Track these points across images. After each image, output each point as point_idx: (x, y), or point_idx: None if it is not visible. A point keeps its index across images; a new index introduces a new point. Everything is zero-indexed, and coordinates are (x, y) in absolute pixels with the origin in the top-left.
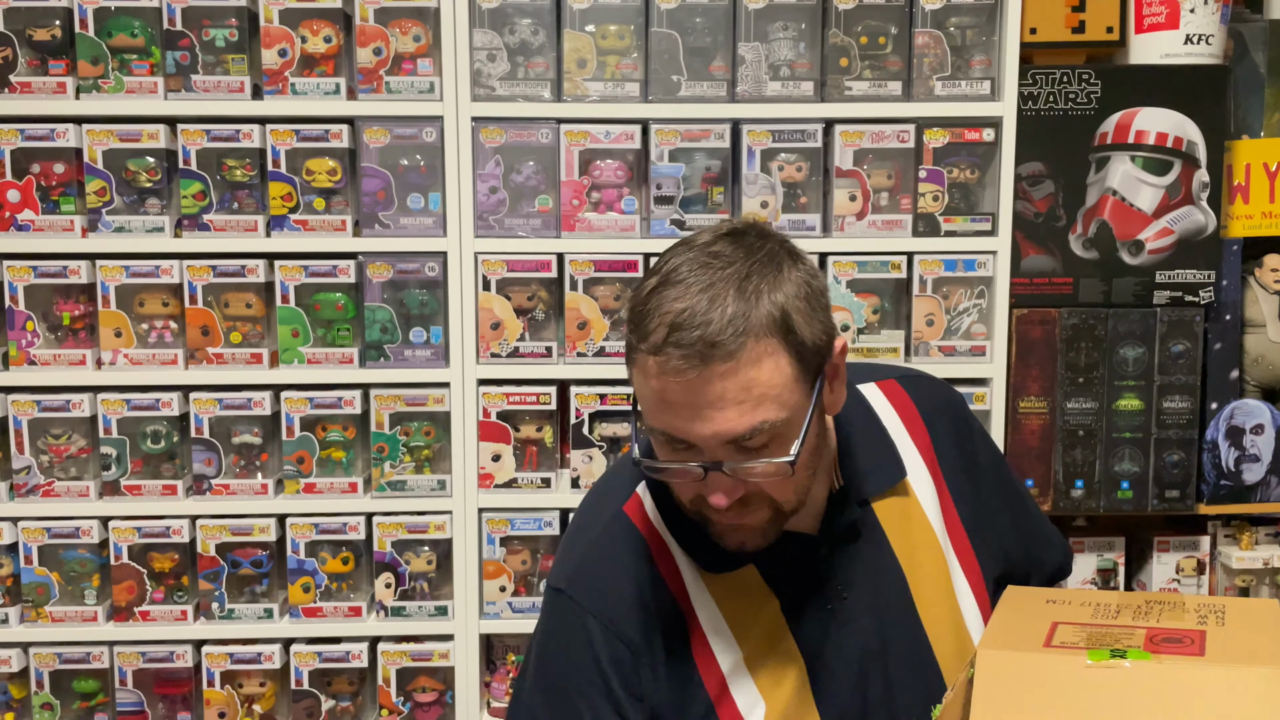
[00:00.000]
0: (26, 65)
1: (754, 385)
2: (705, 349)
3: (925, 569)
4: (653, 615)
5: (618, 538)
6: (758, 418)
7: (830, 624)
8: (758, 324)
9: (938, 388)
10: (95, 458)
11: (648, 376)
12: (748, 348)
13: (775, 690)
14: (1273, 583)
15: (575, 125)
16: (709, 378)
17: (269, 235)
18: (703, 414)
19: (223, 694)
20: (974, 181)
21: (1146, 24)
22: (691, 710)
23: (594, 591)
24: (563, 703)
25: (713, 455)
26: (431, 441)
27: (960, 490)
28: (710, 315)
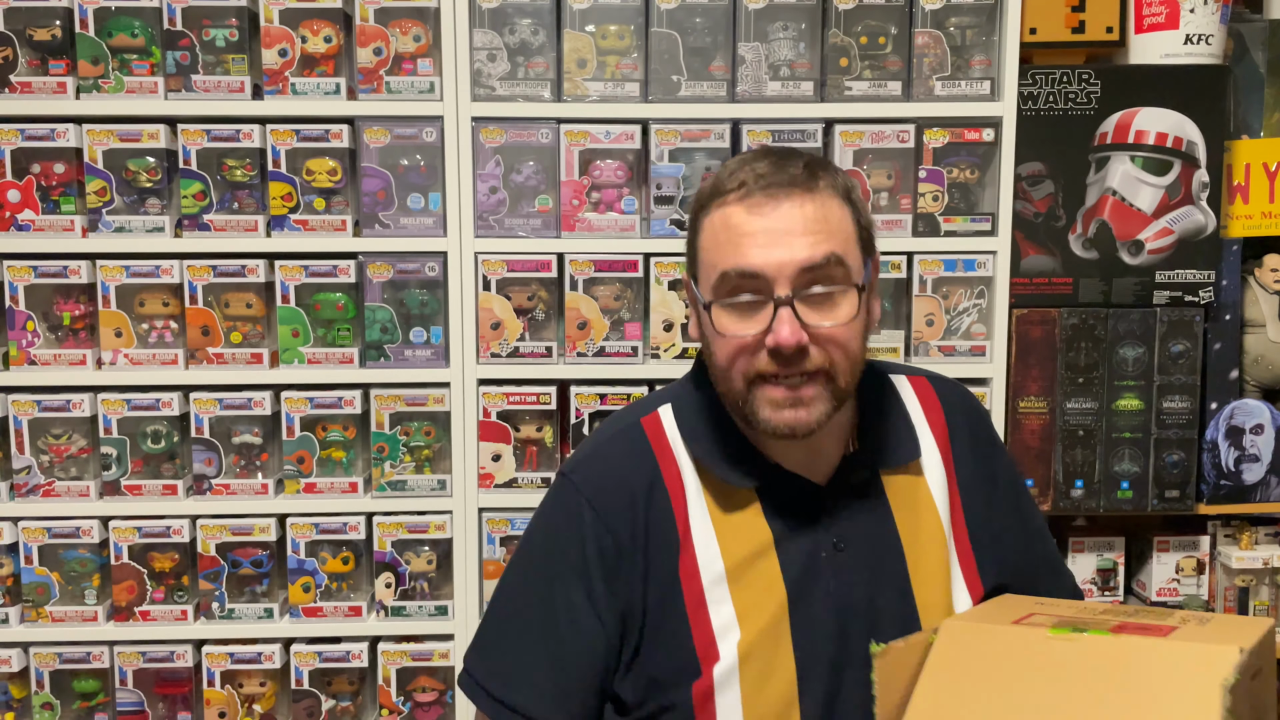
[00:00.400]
0: (27, 65)
1: (828, 218)
2: (788, 181)
3: (926, 550)
4: (647, 519)
5: (630, 442)
6: (830, 247)
7: (821, 571)
8: (828, 178)
9: (967, 396)
10: (95, 458)
11: (728, 218)
12: (822, 188)
13: (752, 618)
14: (1273, 583)
15: (575, 125)
16: (789, 205)
17: (269, 235)
18: (780, 240)
19: (223, 694)
20: (974, 181)
21: (1146, 24)
22: (667, 620)
23: (595, 482)
24: (539, 577)
25: (783, 289)
26: (431, 441)
27: (971, 493)
28: (786, 164)
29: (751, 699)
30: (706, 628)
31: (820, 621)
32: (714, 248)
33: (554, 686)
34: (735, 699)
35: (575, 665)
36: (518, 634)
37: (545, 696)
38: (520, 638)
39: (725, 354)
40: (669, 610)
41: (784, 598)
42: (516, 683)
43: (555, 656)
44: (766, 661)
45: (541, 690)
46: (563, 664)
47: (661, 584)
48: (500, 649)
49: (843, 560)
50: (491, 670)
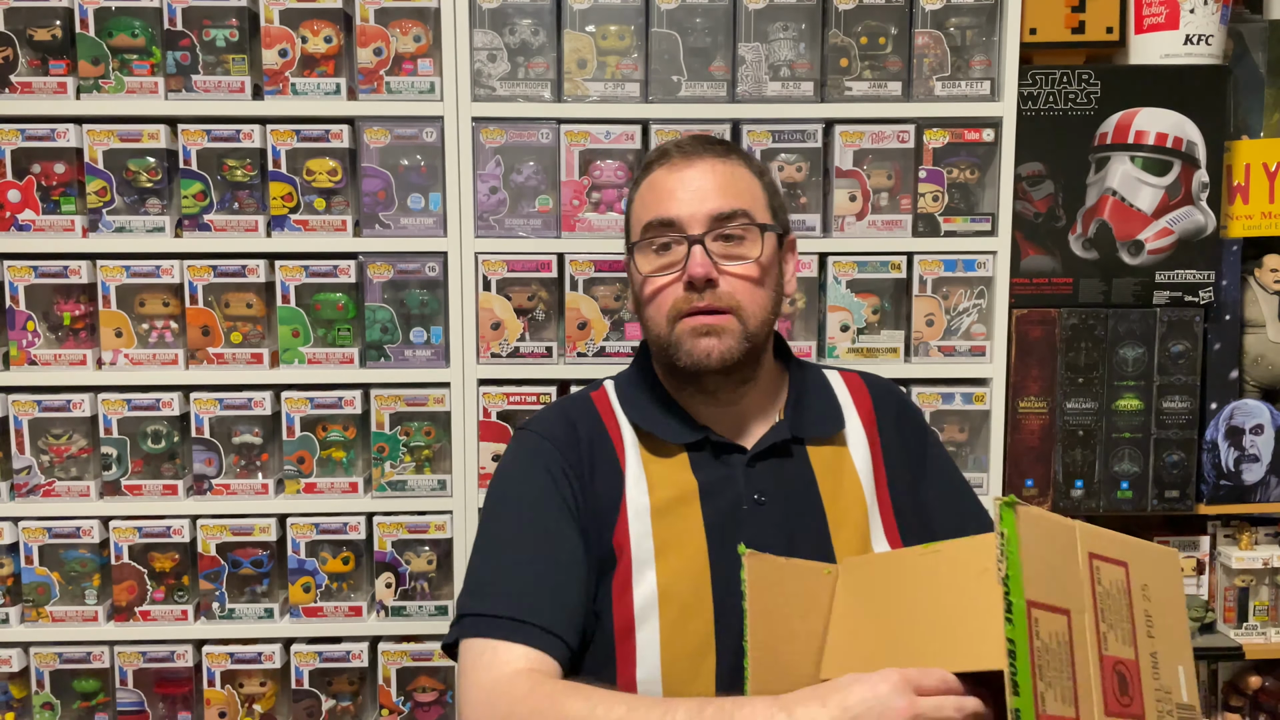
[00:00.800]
0: (27, 65)
1: (737, 180)
2: (701, 148)
3: (846, 513)
4: (593, 457)
5: (578, 405)
6: (738, 203)
7: (741, 521)
8: (742, 155)
9: (895, 391)
10: (96, 458)
11: (651, 181)
12: (733, 158)
13: (672, 558)
14: (1273, 583)
15: (575, 125)
16: (702, 164)
17: (269, 235)
18: (695, 194)
19: (223, 694)
20: (974, 182)
21: (1146, 24)
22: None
23: (548, 426)
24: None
25: (695, 229)
26: (432, 441)
27: (896, 469)
28: (705, 139)
29: (670, 638)
30: (628, 565)
31: (738, 568)
32: (640, 207)
33: (565, 606)
34: (654, 635)
35: (576, 584)
36: (518, 562)
37: (559, 615)
38: (522, 564)
39: (649, 297)
40: (603, 542)
41: (704, 543)
42: (531, 601)
43: (559, 575)
44: (685, 603)
45: (555, 609)
46: (566, 582)
47: (601, 516)
48: (502, 577)
49: (763, 514)
50: (499, 596)
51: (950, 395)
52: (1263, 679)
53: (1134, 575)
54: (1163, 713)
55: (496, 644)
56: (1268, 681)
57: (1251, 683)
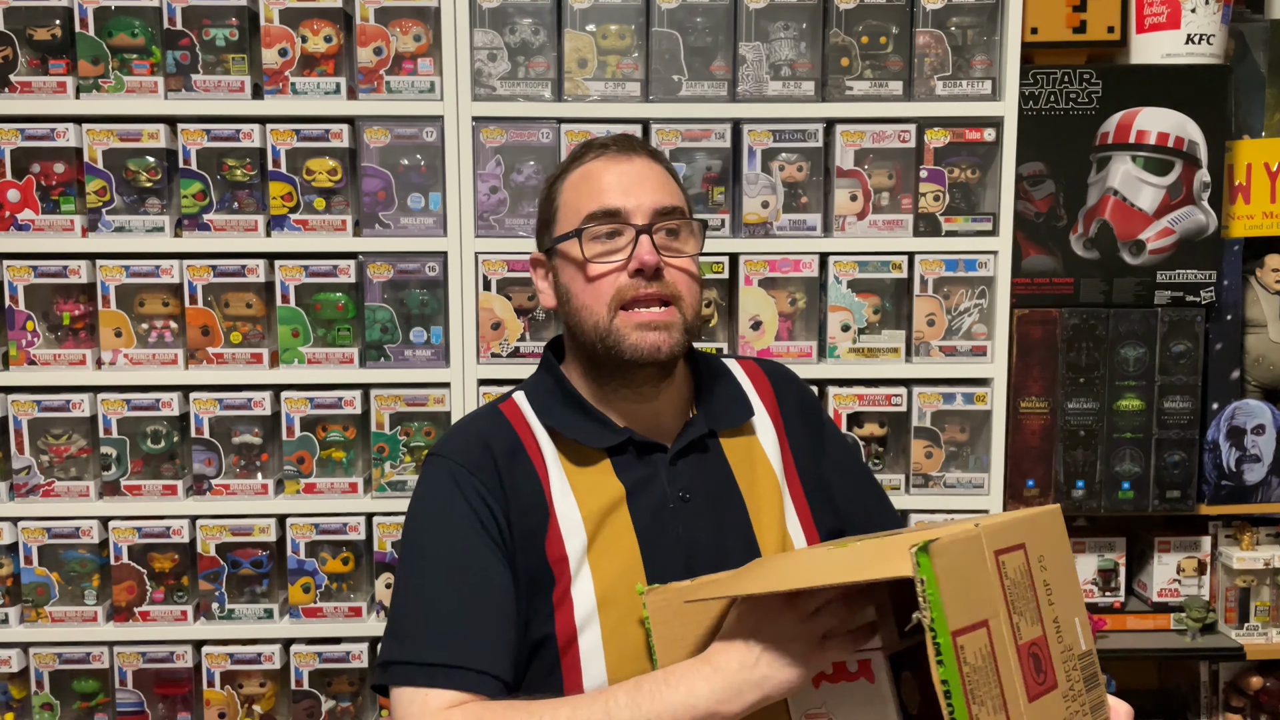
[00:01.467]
0: (27, 65)
1: (669, 179)
2: (639, 143)
3: (763, 500)
4: (513, 476)
5: (489, 420)
6: (676, 200)
7: (669, 520)
8: (667, 161)
9: (791, 375)
10: (95, 458)
11: (588, 172)
12: (662, 160)
13: (606, 566)
14: (1274, 583)
15: (576, 125)
16: (642, 163)
17: (269, 235)
18: (641, 184)
19: (223, 694)
20: (975, 181)
21: (1147, 24)
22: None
23: (460, 451)
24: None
25: (641, 220)
26: (431, 441)
27: (801, 451)
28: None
29: (612, 643)
30: (565, 578)
31: (671, 566)
32: (576, 196)
33: (497, 640)
34: (596, 642)
35: (505, 615)
36: (441, 600)
37: (491, 652)
38: (446, 602)
39: (588, 281)
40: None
41: (636, 547)
42: (459, 642)
43: (487, 609)
44: (624, 608)
45: (486, 646)
46: (495, 615)
47: (528, 533)
48: (427, 620)
49: (689, 510)
50: (425, 642)
51: (951, 395)
52: (1264, 679)
53: (1030, 552)
54: (1069, 671)
55: (427, 692)
56: (1269, 682)
57: (1253, 683)
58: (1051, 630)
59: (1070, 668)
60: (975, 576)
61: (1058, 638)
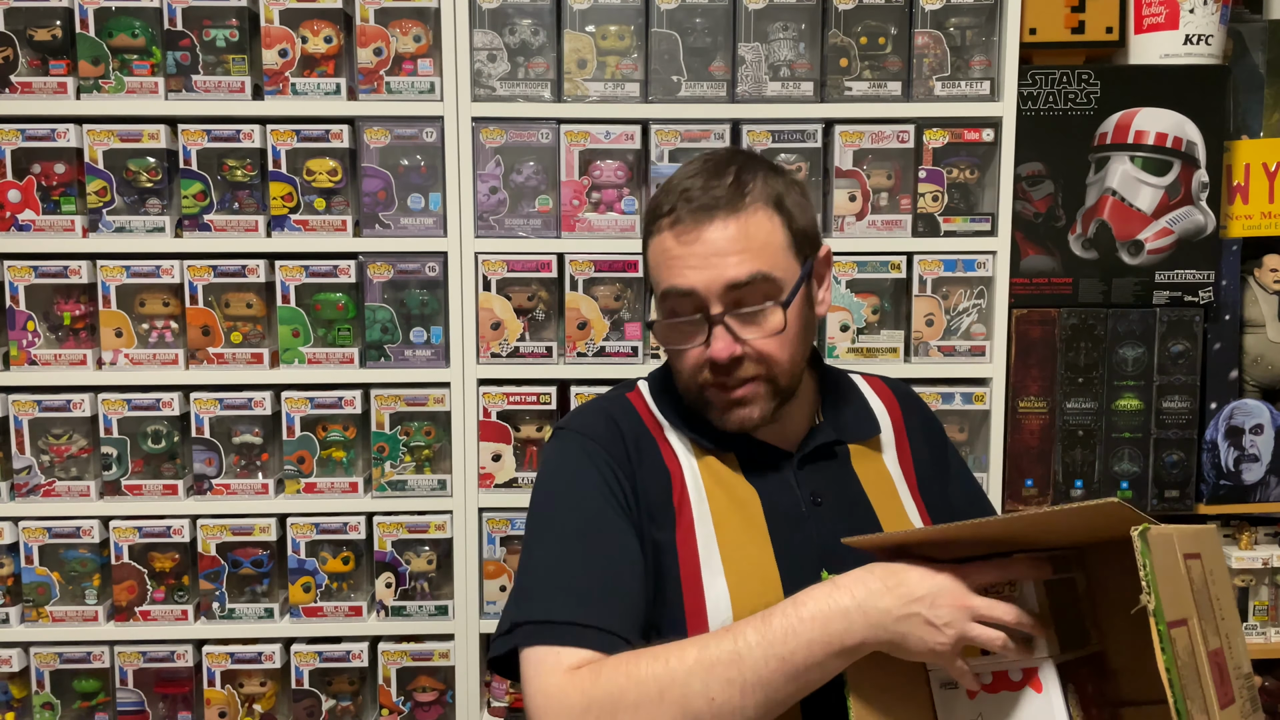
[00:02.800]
0: (27, 65)
1: (752, 237)
2: (711, 203)
3: (892, 512)
4: (642, 457)
5: (618, 405)
6: (754, 266)
7: (803, 521)
8: (756, 192)
9: (916, 396)
10: (96, 458)
11: (663, 243)
12: (747, 205)
13: (740, 567)
14: (1272, 583)
15: (575, 125)
16: (713, 229)
17: (269, 235)
18: (708, 262)
19: (223, 694)
20: (974, 182)
21: (1146, 24)
22: (662, 560)
23: (590, 426)
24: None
25: (714, 308)
26: (432, 441)
27: (926, 475)
28: (714, 183)
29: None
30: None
31: (807, 569)
32: (655, 270)
33: (625, 605)
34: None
35: (635, 581)
36: (572, 563)
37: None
38: (577, 565)
39: (674, 363)
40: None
41: (770, 549)
42: (591, 602)
43: (617, 574)
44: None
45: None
46: (625, 580)
47: (655, 515)
48: (558, 580)
49: (822, 513)
50: (556, 602)
51: (950, 395)
52: (1263, 679)
53: (1205, 564)
54: (1239, 689)
55: (559, 650)
56: (1268, 681)
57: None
58: (1225, 644)
59: (1241, 685)
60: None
61: (1230, 653)
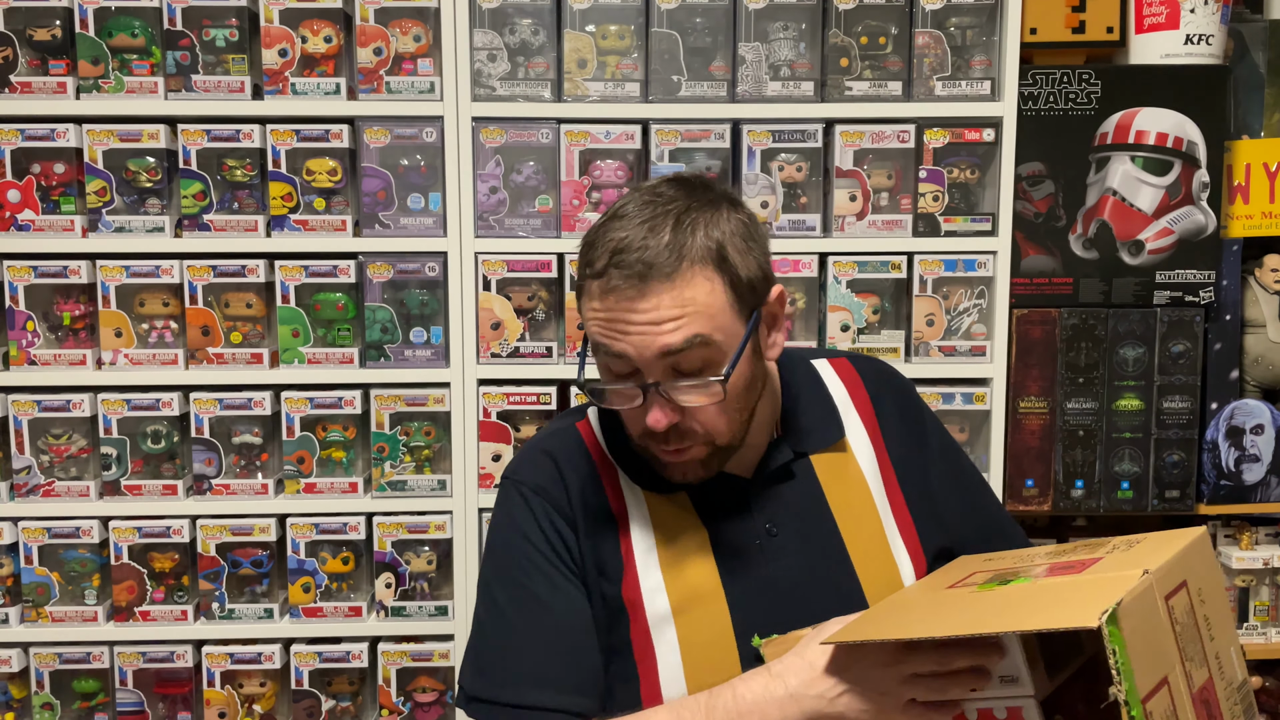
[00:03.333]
0: (27, 65)
1: (689, 304)
2: (644, 269)
3: (861, 523)
4: (587, 504)
5: (565, 443)
6: (691, 330)
7: (755, 561)
8: (693, 251)
9: (887, 370)
10: (95, 458)
11: (592, 300)
12: (683, 270)
13: (691, 616)
14: (1273, 583)
15: (575, 125)
16: (647, 295)
17: (269, 235)
18: (642, 329)
19: (223, 694)
20: (974, 181)
21: (1146, 24)
22: (608, 606)
23: (534, 474)
24: (514, 572)
25: (650, 375)
26: (432, 441)
27: (904, 463)
28: (649, 242)
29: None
30: (643, 622)
31: (760, 610)
32: (587, 323)
33: (574, 673)
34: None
35: (583, 645)
36: (517, 635)
37: (569, 687)
38: (521, 637)
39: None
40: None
41: (722, 594)
42: (536, 683)
43: (563, 642)
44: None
45: (564, 682)
46: (573, 647)
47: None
48: (504, 658)
49: (776, 545)
50: (503, 682)
51: (950, 395)
52: (1263, 679)
53: (1191, 588)
54: (1231, 707)
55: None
56: (1268, 682)
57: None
58: (1215, 668)
59: (1232, 704)
60: (1154, 633)
61: (1220, 674)
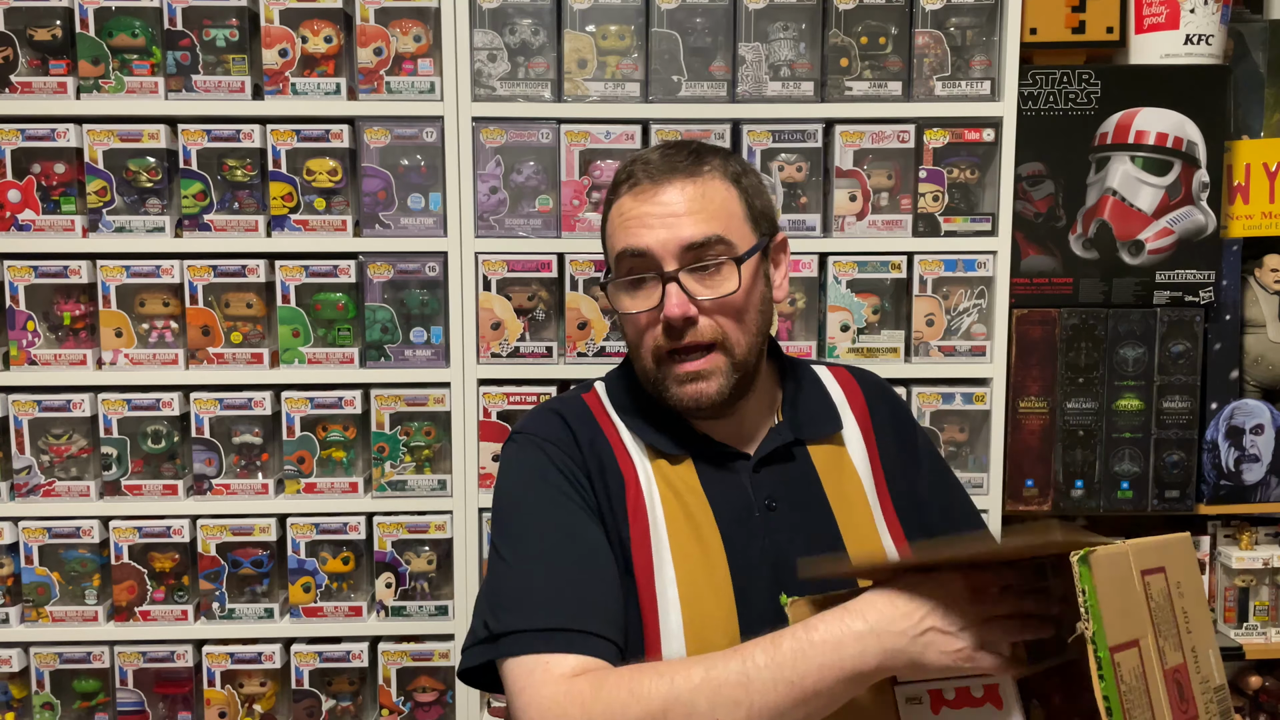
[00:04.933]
0: (27, 65)
1: (709, 200)
2: (669, 168)
3: (853, 513)
4: (600, 461)
5: (573, 408)
6: (711, 228)
7: (755, 528)
8: (713, 164)
9: (883, 384)
10: (96, 458)
11: (621, 206)
12: (705, 173)
13: (691, 571)
14: (1273, 583)
15: (575, 125)
16: (670, 188)
17: (269, 235)
18: (665, 222)
19: (223, 694)
20: (974, 182)
21: (1146, 24)
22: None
23: (544, 430)
24: (532, 514)
25: (669, 265)
26: (432, 441)
27: (894, 468)
28: (676, 155)
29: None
30: (649, 574)
31: (757, 574)
32: (611, 235)
33: (608, 602)
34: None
35: (612, 577)
36: (546, 564)
37: (605, 613)
38: (552, 565)
39: (632, 332)
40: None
41: (723, 555)
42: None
43: (596, 571)
44: (708, 613)
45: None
46: (604, 578)
47: (613, 520)
48: (534, 587)
49: (775, 518)
50: (536, 607)
51: (950, 395)
52: (1263, 679)
53: (1170, 577)
54: (1207, 704)
55: (548, 658)
56: (1268, 681)
57: (1252, 683)
58: (1190, 659)
59: (1208, 700)
60: (1127, 593)
61: (1196, 667)
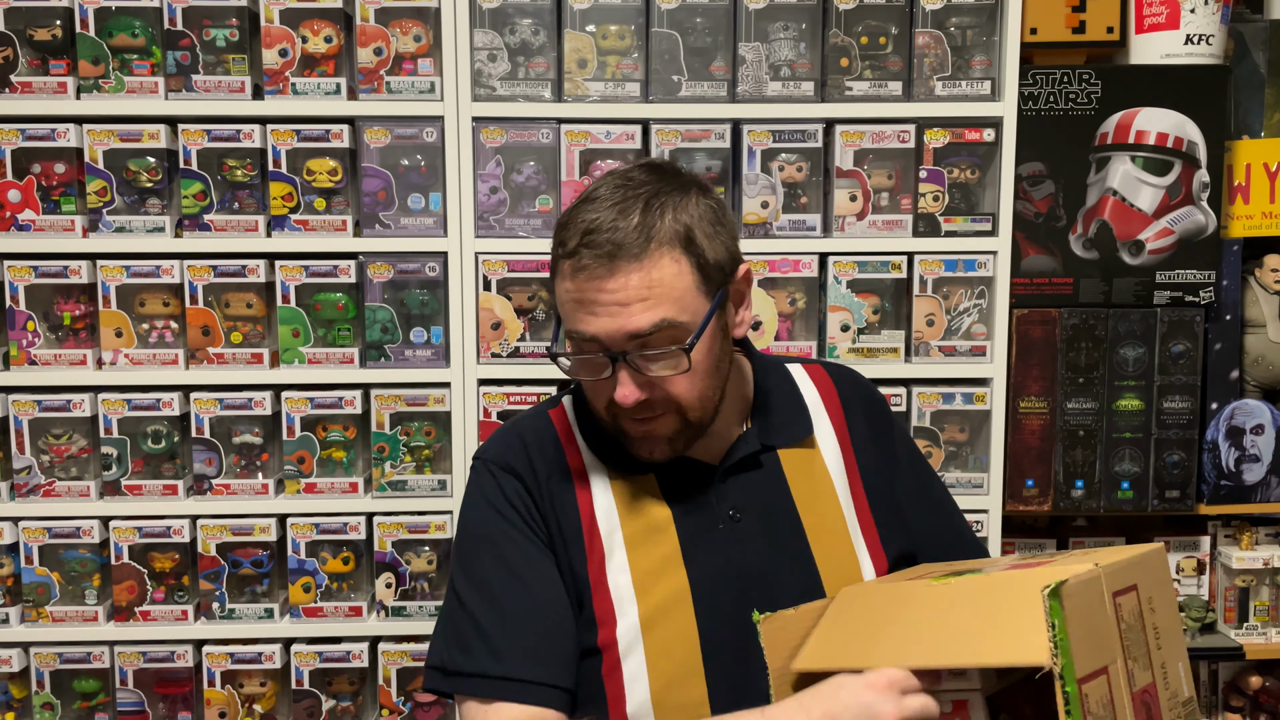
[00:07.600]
0: (27, 65)
1: (656, 285)
2: (613, 249)
3: (824, 520)
4: (554, 490)
5: (535, 426)
6: (658, 315)
7: (718, 542)
8: (662, 233)
9: (861, 381)
10: (96, 458)
11: (564, 280)
12: (651, 251)
13: (650, 590)
14: (1273, 583)
15: (576, 125)
16: (615, 276)
17: (269, 235)
18: (610, 310)
19: (223, 694)
20: (974, 181)
21: (1147, 24)
22: (567, 582)
23: (503, 453)
24: (487, 548)
25: (620, 348)
26: (432, 441)
27: (870, 469)
28: (619, 224)
29: (656, 664)
30: (606, 598)
31: (722, 590)
32: (559, 301)
33: (559, 649)
34: (640, 668)
35: (564, 622)
36: (500, 610)
37: (555, 662)
38: (505, 612)
39: (584, 387)
40: (572, 574)
41: (683, 570)
42: (525, 656)
43: (546, 618)
44: (669, 630)
45: (550, 656)
46: (556, 624)
47: (569, 548)
48: (488, 632)
49: (740, 530)
50: (490, 654)
51: (951, 395)
52: (1263, 679)
53: (1142, 594)
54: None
55: (497, 706)
56: (1268, 681)
57: (1252, 683)
58: (1159, 676)
59: (1176, 715)
60: (1097, 620)
61: (1164, 684)
